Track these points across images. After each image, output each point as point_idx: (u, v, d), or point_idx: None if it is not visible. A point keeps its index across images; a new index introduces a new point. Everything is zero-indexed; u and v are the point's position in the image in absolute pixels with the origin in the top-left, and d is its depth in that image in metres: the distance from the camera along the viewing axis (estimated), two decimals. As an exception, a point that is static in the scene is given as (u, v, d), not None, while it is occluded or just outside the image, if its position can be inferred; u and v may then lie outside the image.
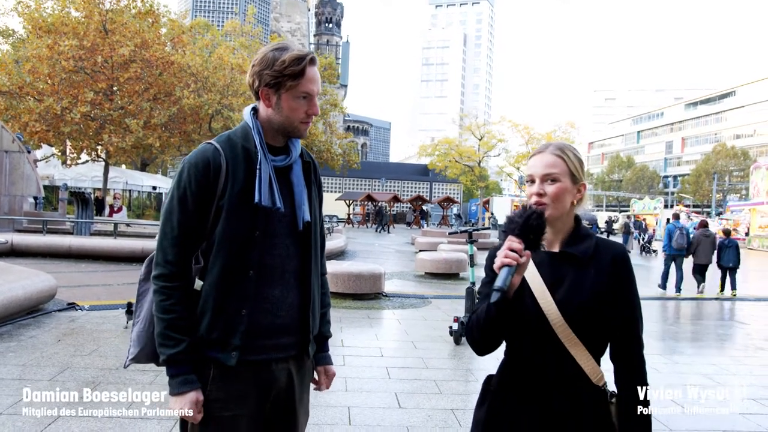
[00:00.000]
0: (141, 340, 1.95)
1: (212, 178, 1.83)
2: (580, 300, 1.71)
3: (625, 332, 1.77)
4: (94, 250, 14.32)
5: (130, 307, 6.15)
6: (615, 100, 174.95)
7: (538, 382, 1.76)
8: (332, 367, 2.21)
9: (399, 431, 4.21)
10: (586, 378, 1.73)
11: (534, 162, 1.83)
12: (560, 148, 1.81)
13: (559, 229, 1.81)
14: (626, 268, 1.78)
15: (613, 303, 1.73)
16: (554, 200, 1.76)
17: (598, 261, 1.76)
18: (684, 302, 12.33)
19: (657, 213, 46.53)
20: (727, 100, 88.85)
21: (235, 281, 1.84)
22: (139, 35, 24.19)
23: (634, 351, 1.77)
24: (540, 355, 1.75)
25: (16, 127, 22.57)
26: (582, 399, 1.72)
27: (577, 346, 1.71)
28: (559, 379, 1.73)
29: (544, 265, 1.79)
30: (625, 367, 1.77)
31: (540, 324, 1.73)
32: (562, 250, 1.80)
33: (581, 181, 1.82)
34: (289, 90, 1.86)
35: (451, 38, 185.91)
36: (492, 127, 53.90)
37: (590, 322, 1.71)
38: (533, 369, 1.77)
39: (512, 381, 1.83)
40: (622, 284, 1.76)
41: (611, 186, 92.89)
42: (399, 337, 7.50)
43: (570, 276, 1.75)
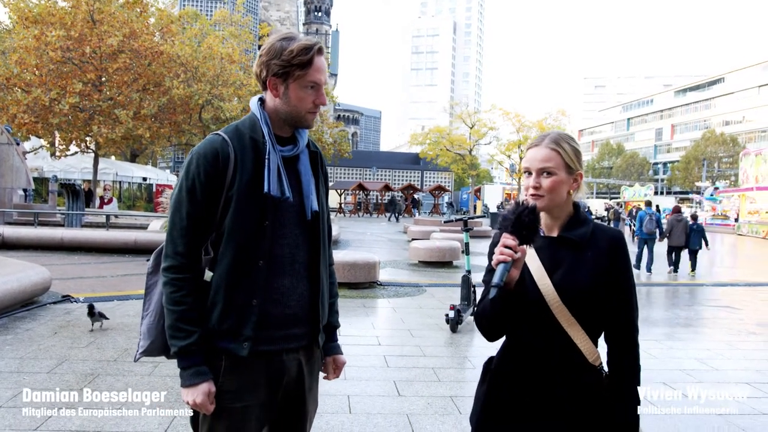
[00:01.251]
0: (151, 333, 1.95)
1: (221, 169, 1.82)
2: (576, 282, 1.79)
3: (620, 315, 1.83)
4: (87, 241, 14.24)
5: (92, 309, 6.07)
6: (605, 88, 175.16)
7: (536, 361, 1.83)
8: (342, 356, 2.23)
9: (399, 419, 4.24)
10: (582, 357, 1.80)
11: (530, 155, 1.89)
12: (556, 141, 1.86)
13: (557, 216, 1.88)
14: (622, 252, 1.84)
15: (609, 285, 1.80)
16: (550, 192, 1.83)
17: (595, 245, 1.83)
18: (676, 287, 12.44)
19: (647, 200, 46.73)
20: (716, 86, 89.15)
21: (246, 272, 1.85)
22: (127, 25, 23.97)
23: (627, 334, 1.84)
24: (539, 335, 1.83)
25: (4, 119, 22.36)
26: (578, 378, 1.80)
27: (573, 326, 1.79)
28: (557, 358, 1.81)
29: (544, 249, 1.87)
30: (618, 350, 1.83)
31: (539, 306, 1.80)
32: (560, 234, 1.87)
33: (577, 171, 1.87)
34: (297, 80, 1.86)
35: (440, 26, 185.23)
36: (483, 115, 53.94)
37: (586, 303, 1.79)
38: (532, 349, 1.85)
39: (512, 361, 1.91)
40: (618, 268, 1.82)
41: (601, 173, 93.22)
42: (395, 326, 7.53)
43: (567, 259, 1.83)
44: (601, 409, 1.79)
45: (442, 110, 70.03)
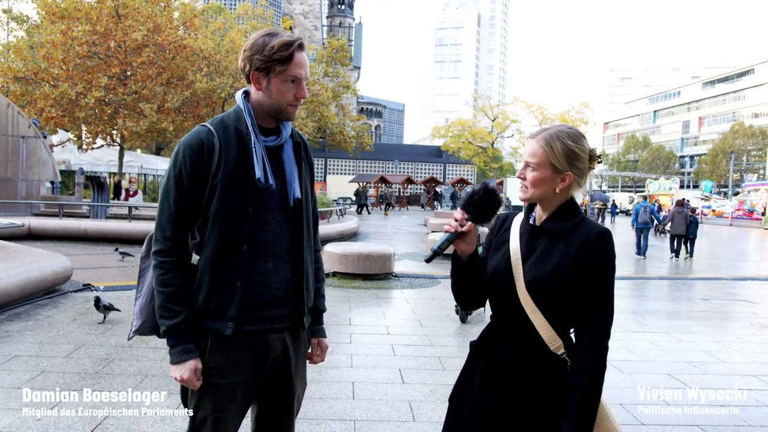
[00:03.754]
0: (143, 313, 2.06)
1: (206, 158, 1.93)
2: (540, 272, 1.83)
3: (589, 315, 1.79)
4: (110, 233, 14.54)
5: (98, 302, 6.17)
6: (631, 80, 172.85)
7: (502, 343, 1.91)
8: (325, 340, 2.30)
9: (401, 405, 4.33)
10: (543, 344, 1.83)
11: (526, 145, 1.95)
12: (547, 139, 1.86)
13: (546, 207, 1.92)
14: (602, 250, 1.80)
15: (580, 282, 1.78)
16: (532, 186, 1.88)
17: (573, 239, 1.82)
18: (691, 281, 12.35)
19: (672, 193, 46.16)
20: (746, 78, 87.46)
21: (230, 255, 1.95)
22: (151, 19, 24.30)
23: (592, 337, 1.78)
24: (506, 318, 1.91)
25: (32, 113, 22.83)
26: (538, 364, 1.84)
27: (535, 313, 1.83)
28: (519, 341, 1.87)
29: (525, 236, 1.93)
30: (580, 352, 1.79)
31: (509, 289, 1.87)
32: (541, 224, 1.91)
33: (565, 172, 1.85)
34: (278, 74, 1.96)
35: (464, 18, 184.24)
36: (506, 107, 53.79)
37: (546, 294, 1.81)
38: (500, 331, 1.93)
39: (484, 342, 1.99)
40: (594, 265, 1.79)
41: (627, 166, 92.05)
42: (406, 316, 7.62)
43: (540, 249, 1.88)
44: (560, 398, 1.80)
45: (465, 103, 69.70)
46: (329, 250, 9.98)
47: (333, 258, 9.87)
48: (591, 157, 1.91)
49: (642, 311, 8.32)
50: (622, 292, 10.17)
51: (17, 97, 23.14)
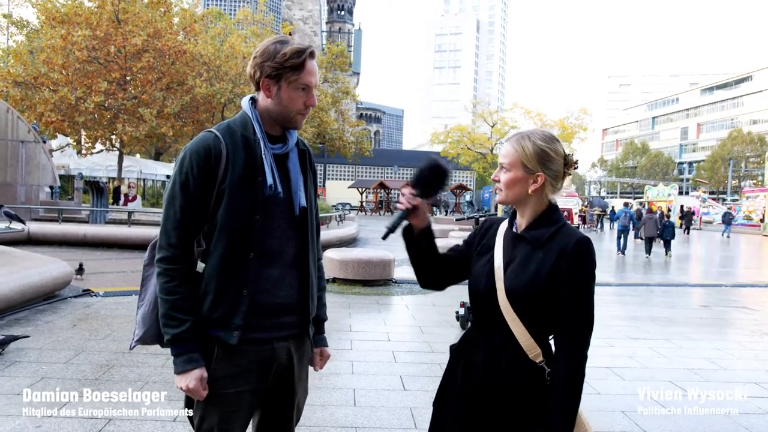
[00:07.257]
0: (146, 321, 2.03)
1: (213, 164, 1.91)
2: (520, 279, 1.82)
3: (566, 324, 1.78)
4: (109, 238, 14.55)
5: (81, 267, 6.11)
6: (630, 86, 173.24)
7: (480, 348, 1.91)
8: (327, 348, 2.29)
9: (402, 412, 4.32)
10: (522, 352, 1.83)
11: (501, 148, 1.98)
12: (519, 140, 1.89)
13: (524, 213, 1.92)
14: (580, 258, 1.78)
15: (557, 289, 1.77)
16: (505, 188, 1.91)
17: (551, 247, 1.81)
18: (693, 288, 12.35)
19: (671, 200, 46.16)
20: (744, 84, 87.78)
21: (236, 263, 1.93)
22: (151, 25, 24.37)
23: (570, 346, 1.77)
24: (486, 325, 1.91)
25: (31, 118, 22.86)
26: (516, 372, 1.83)
27: (514, 321, 1.82)
28: (498, 349, 1.86)
29: (507, 244, 1.94)
30: (557, 361, 1.78)
31: (490, 296, 1.87)
32: (520, 233, 1.92)
33: (536, 172, 1.86)
34: (290, 82, 1.95)
35: (463, 24, 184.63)
36: (505, 113, 53.88)
37: (526, 301, 1.81)
38: (479, 337, 1.93)
39: (463, 345, 2.00)
40: (572, 272, 1.77)
41: (626, 173, 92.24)
42: (407, 323, 7.61)
43: (519, 257, 1.87)
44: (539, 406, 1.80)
45: (464, 109, 69.80)
46: (329, 256, 9.97)
47: (333, 264, 9.85)
48: (567, 163, 1.91)
49: (643, 318, 8.29)
50: (623, 299, 10.17)
51: (17, 102, 23.17)
